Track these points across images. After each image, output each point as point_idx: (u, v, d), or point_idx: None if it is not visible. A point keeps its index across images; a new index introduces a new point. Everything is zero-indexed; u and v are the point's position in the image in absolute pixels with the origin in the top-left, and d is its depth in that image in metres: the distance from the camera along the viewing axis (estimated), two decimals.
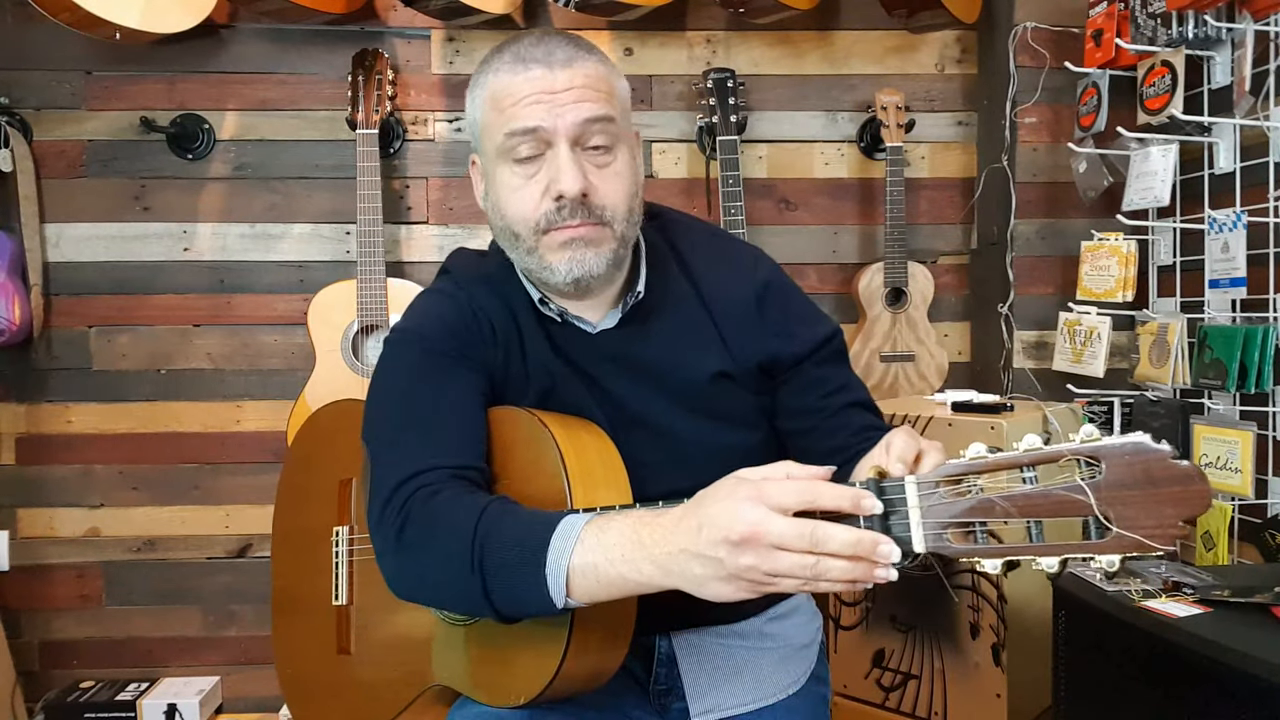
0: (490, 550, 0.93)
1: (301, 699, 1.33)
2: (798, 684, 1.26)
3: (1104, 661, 1.49)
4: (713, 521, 0.83)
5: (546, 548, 0.91)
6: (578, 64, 1.09)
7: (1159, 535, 0.78)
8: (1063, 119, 2.34)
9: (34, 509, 2.50)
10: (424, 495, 1.01)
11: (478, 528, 0.95)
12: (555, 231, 1.09)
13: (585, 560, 0.89)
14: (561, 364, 1.16)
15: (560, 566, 0.90)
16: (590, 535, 0.90)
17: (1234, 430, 1.84)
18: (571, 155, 1.07)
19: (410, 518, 1.00)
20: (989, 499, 0.81)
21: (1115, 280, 2.07)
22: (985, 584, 1.85)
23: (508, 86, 1.08)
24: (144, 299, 2.50)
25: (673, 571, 0.86)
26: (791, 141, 2.58)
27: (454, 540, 0.96)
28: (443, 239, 2.53)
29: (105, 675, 2.50)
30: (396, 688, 1.20)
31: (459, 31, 2.50)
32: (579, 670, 1.04)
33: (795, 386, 1.20)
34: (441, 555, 0.97)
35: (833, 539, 0.81)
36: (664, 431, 1.15)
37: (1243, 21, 1.86)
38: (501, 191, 1.11)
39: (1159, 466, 0.78)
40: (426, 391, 1.11)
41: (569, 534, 0.91)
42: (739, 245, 1.29)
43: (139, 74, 2.46)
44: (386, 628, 1.22)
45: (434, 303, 1.19)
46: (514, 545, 0.93)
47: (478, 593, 0.94)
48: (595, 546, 0.89)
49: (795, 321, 1.21)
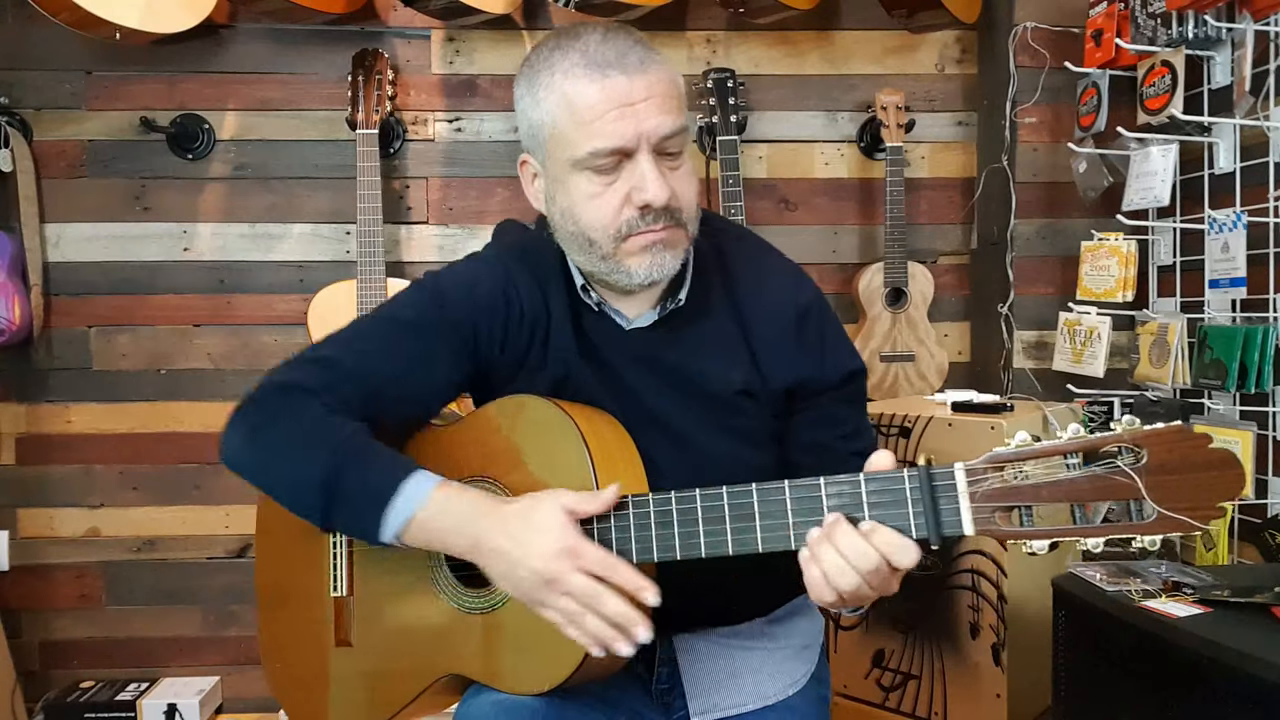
0: (345, 479, 1.04)
1: (296, 694, 1.31)
2: (798, 685, 1.26)
3: (1104, 661, 1.49)
4: (533, 551, 0.98)
5: (397, 492, 1.03)
6: (651, 68, 1.08)
7: (1199, 515, 0.85)
8: (1063, 119, 2.34)
9: (34, 509, 2.50)
10: (301, 391, 1.08)
11: (347, 440, 1.05)
12: (636, 237, 1.09)
13: (429, 516, 1.03)
14: (582, 354, 1.17)
15: (405, 511, 1.03)
16: (437, 500, 1.03)
17: (1234, 430, 1.84)
18: (654, 165, 1.07)
19: (283, 403, 1.08)
20: (1035, 483, 0.88)
21: (1115, 280, 2.07)
22: (985, 584, 1.85)
23: (586, 96, 1.06)
24: (144, 299, 2.50)
25: (483, 558, 1.02)
26: (791, 141, 2.58)
27: (321, 440, 1.06)
28: (443, 239, 2.53)
29: (105, 675, 2.50)
30: (404, 678, 1.19)
31: (459, 31, 2.50)
32: (600, 660, 1.04)
33: (812, 419, 1.19)
34: (299, 447, 1.06)
35: (606, 605, 0.97)
36: (678, 435, 1.15)
37: (1243, 21, 1.86)
38: (576, 198, 1.10)
39: (1198, 452, 0.85)
40: (394, 342, 1.14)
41: (421, 488, 1.03)
42: (785, 263, 1.27)
43: (139, 74, 2.46)
44: (393, 618, 1.21)
45: (475, 269, 1.20)
46: (373, 472, 1.05)
47: (316, 507, 1.05)
48: (437, 512, 1.03)
49: (830, 348, 1.20)
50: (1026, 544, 0.88)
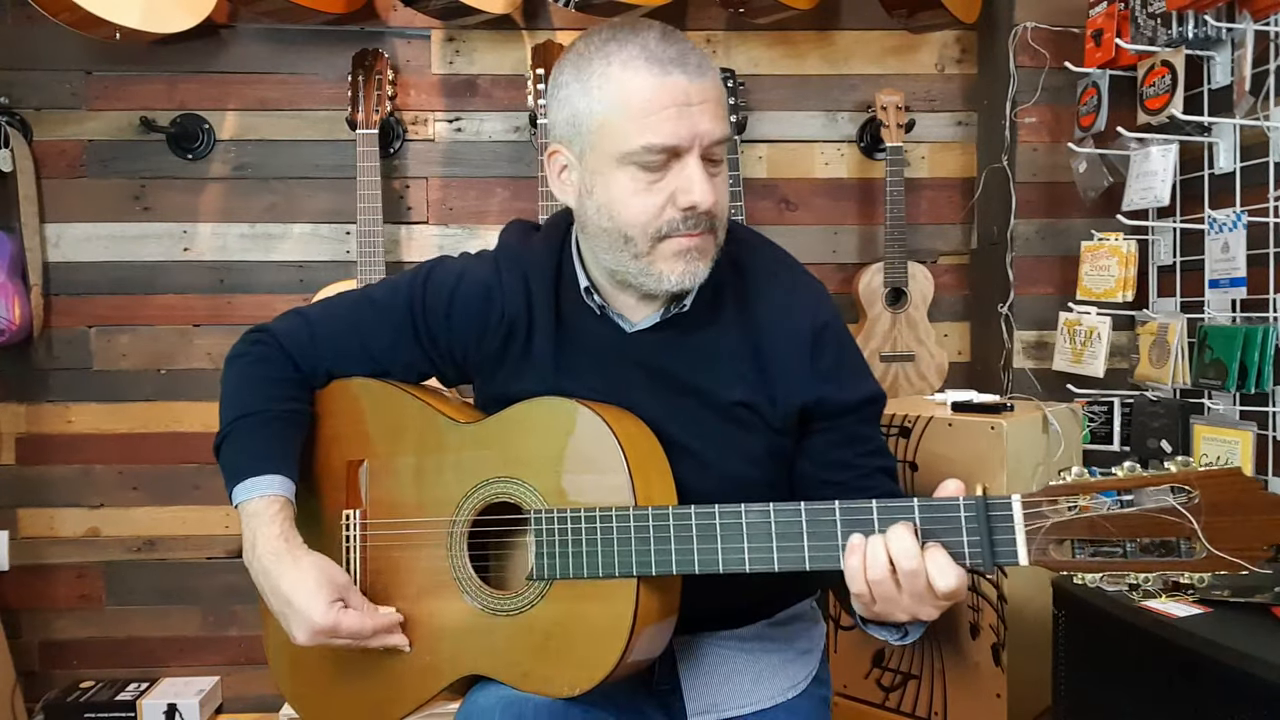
0: (231, 440, 1.23)
1: (306, 691, 1.30)
2: (799, 688, 1.26)
3: (1104, 661, 1.49)
4: (296, 610, 1.11)
5: (237, 484, 1.17)
6: (708, 73, 1.07)
7: (1247, 556, 0.87)
8: (1063, 119, 2.34)
9: (34, 509, 2.50)
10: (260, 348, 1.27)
11: (244, 417, 1.22)
12: (674, 239, 1.08)
13: (245, 511, 1.17)
14: (568, 356, 1.16)
15: (236, 500, 1.18)
16: (254, 507, 1.15)
17: (1234, 430, 1.84)
18: (701, 168, 1.07)
19: (249, 354, 1.27)
20: (1090, 517, 0.90)
21: (1115, 280, 2.07)
22: (985, 584, 1.85)
23: (645, 90, 1.05)
24: (144, 299, 2.50)
25: (259, 585, 1.14)
26: (791, 141, 2.58)
27: (236, 402, 1.25)
28: (443, 239, 2.53)
29: (105, 675, 2.50)
30: (423, 676, 1.18)
31: (459, 31, 2.50)
32: (632, 662, 1.05)
33: (835, 438, 1.18)
34: (227, 399, 1.27)
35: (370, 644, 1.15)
36: (673, 443, 1.14)
37: (1243, 21, 1.86)
38: (616, 193, 1.09)
39: (1250, 495, 0.87)
40: (371, 314, 1.25)
41: (253, 489, 1.16)
42: (805, 279, 1.24)
43: (139, 74, 2.46)
44: (412, 615, 1.19)
45: (466, 264, 1.25)
46: (236, 458, 1.20)
47: (215, 443, 1.25)
48: (250, 516, 1.15)
49: (850, 371, 1.19)
50: (1079, 576, 0.91)
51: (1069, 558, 0.91)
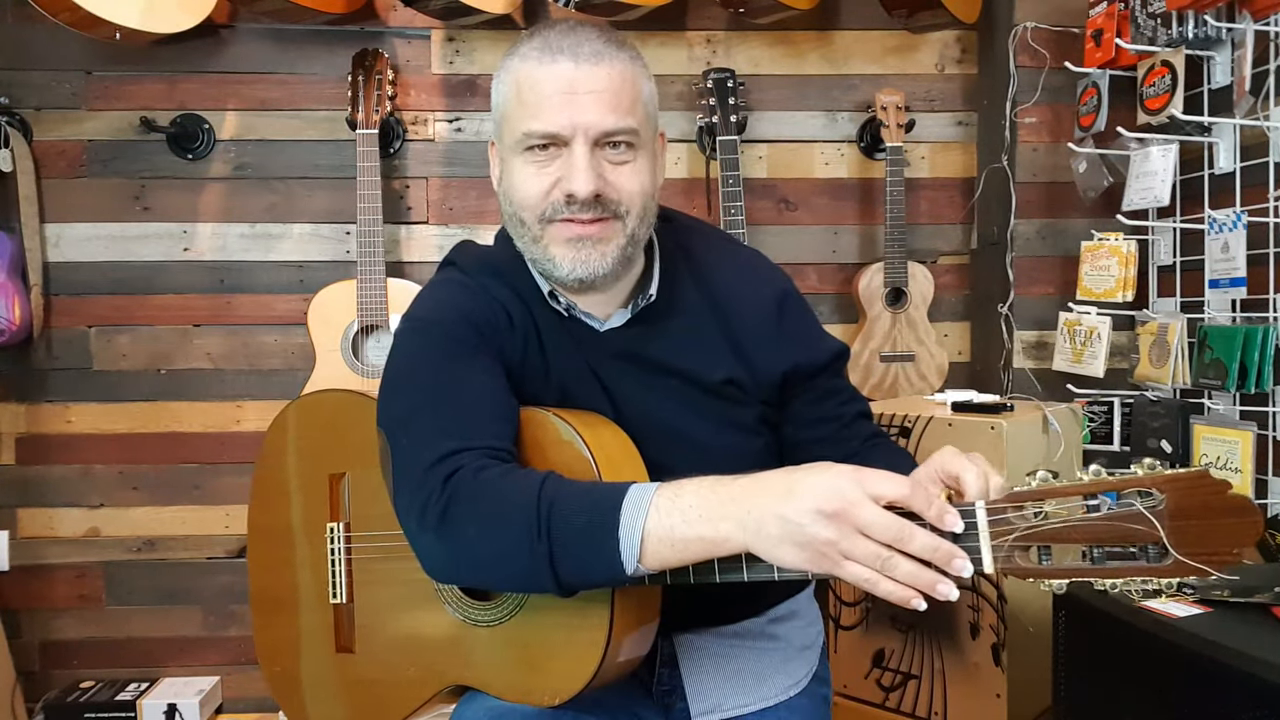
0: (558, 516, 0.93)
1: (296, 699, 1.31)
2: (799, 685, 1.26)
3: (1104, 661, 1.49)
4: (809, 489, 0.85)
5: (619, 511, 0.92)
6: (605, 62, 1.07)
7: (1215, 561, 0.86)
8: (1063, 119, 2.34)
9: (34, 509, 2.50)
10: (467, 472, 0.98)
11: (541, 495, 0.94)
12: (561, 224, 1.09)
13: (661, 523, 0.91)
14: (580, 360, 1.16)
15: (635, 528, 0.91)
16: (664, 499, 0.92)
17: (1234, 430, 1.84)
18: (588, 156, 1.06)
19: (457, 495, 0.97)
20: (1056, 525, 0.87)
21: (1115, 280, 2.07)
22: (985, 584, 1.85)
23: (532, 77, 1.07)
24: (144, 299, 2.50)
25: (749, 528, 0.88)
26: (791, 141, 2.58)
27: (515, 510, 0.94)
28: (443, 239, 2.53)
29: (105, 675, 2.50)
30: (409, 687, 1.19)
31: (459, 31, 2.50)
32: (613, 669, 1.05)
33: (812, 396, 1.22)
34: (499, 527, 0.95)
35: (915, 539, 0.84)
36: (668, 431, 1.15)
37: (1243, 21, 1.86)
38: (516, 179, 1.11)
39: (1217, 498, 0.86)
40: (453, 373, 1.08)
41: (641, 499, 0.92)
42: (753, 254, 1.29)
43: (139, 74, 2.46)
44: (397, 627, 1.21)
45: (448, 292, 1.17)
46: (584, 511, 0.93)
47: (543, 562, 0.93)
48: (670, 509, 0.91)
49: (815, 333, 1.25)
50: (1044, 582, 0.89)
51: (1035, 564, 0.89)
